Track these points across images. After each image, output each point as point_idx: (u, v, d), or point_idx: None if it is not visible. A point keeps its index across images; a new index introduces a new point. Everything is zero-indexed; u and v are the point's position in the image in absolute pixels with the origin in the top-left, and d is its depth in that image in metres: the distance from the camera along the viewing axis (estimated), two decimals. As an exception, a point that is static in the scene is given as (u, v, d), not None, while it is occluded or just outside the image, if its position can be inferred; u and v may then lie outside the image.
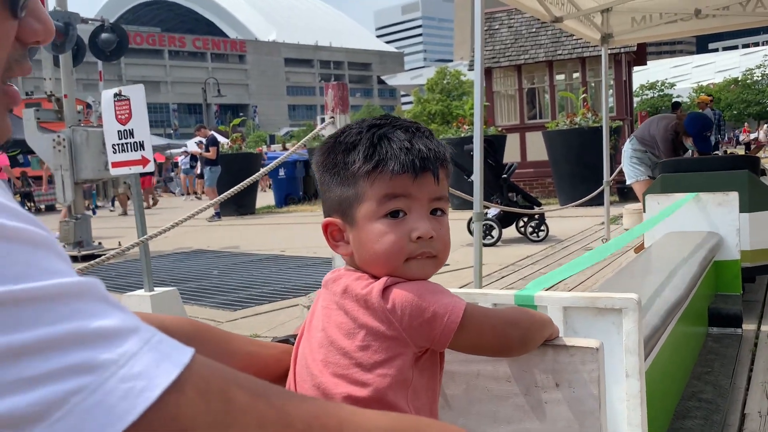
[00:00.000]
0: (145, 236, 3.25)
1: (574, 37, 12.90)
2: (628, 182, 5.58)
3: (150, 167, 3.84)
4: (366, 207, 0.87)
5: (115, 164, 3.87)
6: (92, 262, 2.80)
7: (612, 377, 1.25)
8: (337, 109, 3.36)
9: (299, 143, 3.56)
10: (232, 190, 3.16)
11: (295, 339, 1.00)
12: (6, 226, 0.37)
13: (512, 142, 13.02)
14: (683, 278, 2.41)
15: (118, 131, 3.82)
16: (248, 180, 3.24)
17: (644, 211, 3.80)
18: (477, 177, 3.59)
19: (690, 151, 5.48)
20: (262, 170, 3.63)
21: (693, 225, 3.47)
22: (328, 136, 0.96)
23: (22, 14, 0.52)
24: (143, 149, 3.79)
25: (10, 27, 0.52)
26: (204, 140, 12.48)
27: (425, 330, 0.83)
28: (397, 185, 0.86)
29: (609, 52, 6.62)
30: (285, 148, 21.16)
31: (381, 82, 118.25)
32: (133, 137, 3.80)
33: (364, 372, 0.83)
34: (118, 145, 3.84)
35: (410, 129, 0.90)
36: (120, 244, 8.34)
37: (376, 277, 0.87)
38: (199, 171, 19.87)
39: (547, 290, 1.39)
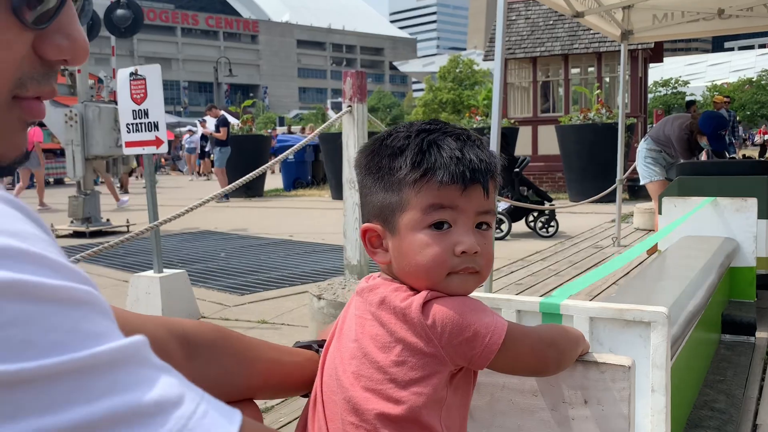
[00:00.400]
0: (157, 221, 3.23)
1: (591, 32, 12.78)
2: (642, 182, 5.53)
3: (164, 148, 3.82)
4: (409, 216, 0.83)
5: (129, 144, 3.84)
6: (106, 244, 2.79)
7: (637, 391, 1.23)
8: (354, 97, 3.32)
9: (317, 131, 3.52)
10: (248, 176, 3.13)
11: (318, 344, 0.97)
12: (45, 286, 0.33)
13: (524, 134, 12.95)
14: (701, 286, 2.37)
15: (133, 111, 3.79)
16: (261, 168, 3.21)
17: (660, 213, 3.75)
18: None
19: (705, 149, 5.43)
20: (279, 157, 3.60)
21: (709, 230, 3.43)
22: (372, 138, 0.91)
23: (41, 26, 0.47)
24: (157, 130, 3.77)
25: (17, 37, 0.46)
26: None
27: (465, 349, 0.80)
28: (445, 196, 0.82)
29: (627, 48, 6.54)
30: (290, 131, 21.05)
31: (393, 68, 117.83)
32: (147, 117, 3.77)
33: (399, 389, 0.80)
34: (132, 124, 3.81)
35: (461, 137, 0.86)
36: (128, 221, 8.34)
37: (414, 289, 0.84)
38: (199, 151, 19.85)
39: (572, 298, 1.36)
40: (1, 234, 0.33)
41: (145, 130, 3.77)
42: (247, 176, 3.13)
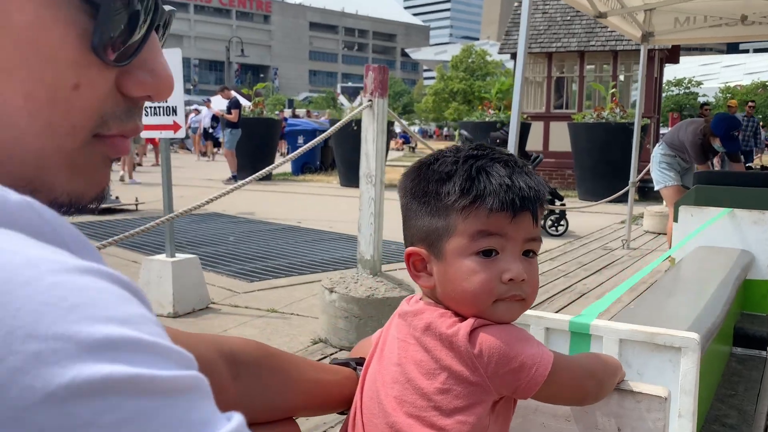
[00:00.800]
0: (172, 214, 3.23)
1: (608, 29, 12.68)
2: (656, 188, 5.50)
3: (181, 133, 3.81)
4: (456, 242, 0.83)
5: (146, 127, 3.83)
6: (130, 232, 2.79)
7: (663, 416, 1.22)
8: (376, 92, 3.31)
9: (337, 125, 3.52)
10: (277, 163, 3.13)
11: (355, 363, 0.97)
12: (160, 379, 0.31)
13: (536, 130, 12.90)
14: (720, 302, 2.36)
15: (152, 94, 3.78)
16: (289, 156, 3.20)
17: (675, 221, 3.74)
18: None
19: (719, 152, 5.40)
20: (314, 142, 3.59)
21: (724, 241, 3.42)
22: (418, 161, 0.91)
23: (123, 63, 0.45)
24: (175, 114, 3.76)
25: (99, 75, 0.44)
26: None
27: (510, 379, 0.80)
28: (493, 223, 0.82)
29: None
30: (295, 115, 20.88)
31: (404, 54, 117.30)
32: (166, 101, 3.76)
33: (443, 416, 0.80)
34: (149, 108, 3.80)
35: (509, 163, 0.85)
36: (137, 200, 8.36)
37: (459, 315, 0.84)
38: (202, 131, 19.69)
39: (601, 317, 1.36)
40: (115, 322, 0.32)
41: (163, 114, 3.76)
42: (275, 164, 3.12)
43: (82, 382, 0.29)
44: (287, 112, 25.65)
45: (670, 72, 48.88)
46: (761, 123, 11.54)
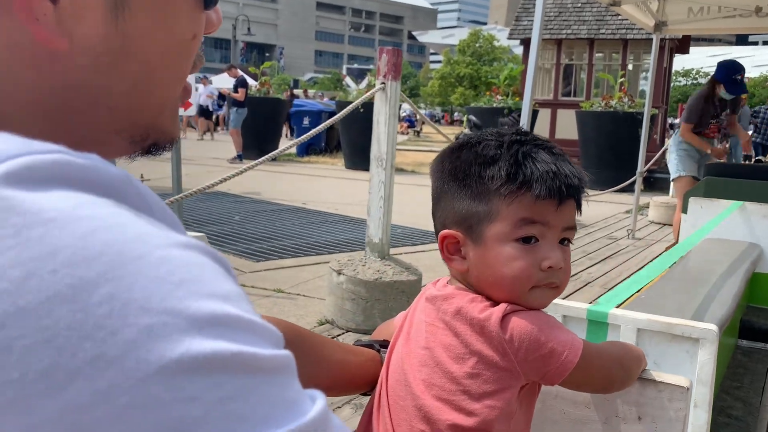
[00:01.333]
0: (180, 194, 3.23)
1: (619, 18, 12.59)
2: (672, 177, 5.40)
3: (191, 110, 3.80)
4: (498, 227, 0.82)
5: (157, 104, 3.82)
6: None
7: (679, 406, 1.23)
8: (389, 74, 3.29)
9: (348, 108, 3.50)
10: (288, 144, 3.11)
11: (380, 345, 0.97)
12: (258, 357, 0.32)
13: (543, 117, 12.85)
14: (729, 293, 2.37)
15: (163, 71, 3.76)
16: (301, 138, 3.19)
17: (684, 212, 3.73)
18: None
19: (721, 120, 5.20)
20: (325, 124, 3.58)
21: (733, 233, 3.41)
22: (456, 143, 0.89)
23: (213, 5, 0.50)
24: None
25: (200, 19, 0.48)
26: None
27: (539, 365, 0.80)
28: (538, 211, 0.81)
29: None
30: (293, 95, 20.69)
31: (411, 37, 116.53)
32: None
33: (472, 401, 0.80)
34: (161, 84, 3.79)
35: (552, 150, 0.84)
36: (142, 176, 8.34)
37: (490, 299, 0.84)
38: (196, 111, 19.47)
39: (619, 307, 1.36)
40: (215, 298, 0.32)
41: (175, 91, 3.75)
42: (287, 145, 3.11)
43: (192, 358, 0.30)
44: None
45: (678, 62, 48.55)
46: None
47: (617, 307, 1.36)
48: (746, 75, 5.34)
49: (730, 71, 5.04)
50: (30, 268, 0.29)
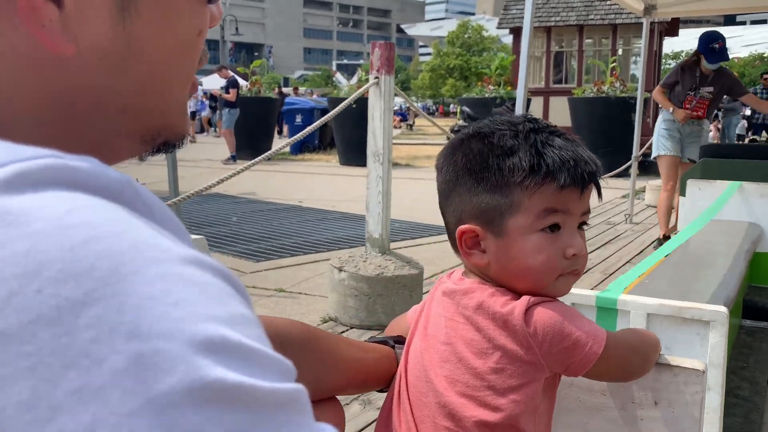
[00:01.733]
0: (177, 197, 3.22)
1: (607, 3, 12.59)
2: (653, 155, 5.37)
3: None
4: (521, 218, 0.81)
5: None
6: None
7: (692, 389, 1.23)
8: (382, 69, 3.28)
9: (343, 104, 3.49)
10: (283, 143, 3.10)
11: (394, 341, 0.96)
12: (260, 391, 0.29)
13: (535, 105, 12.86)
14: (732, 274, 2.37)
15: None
16: (297, 135, 3.18)
17: (682, 194, 3.74)
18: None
19: (704, 95, 5.17)
20: (319, 122, 3.57)
21: (732, 214, 3.42)
22: (464, 134, 0.86)
23: (215, 0, 0.49)
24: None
25: (206, 15, 0.48)
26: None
27: (563, 357, 0.80)
28: (562, 200, 0.80)
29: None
30: (281, 93, 20.67)
31: (400, 30, 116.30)
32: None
33: (497, 396, 0.79)
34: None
35: (565, 136, 0.83)
36: (137, 180, 8.32)
37: (511, 292, 0.83)
38: (191, 110, 19.47)
39: (627, 293, 1.36)
40: (216, 321, 0.29)
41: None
42: (282, 144, 3.10)
43: (184, 390, 0.27)
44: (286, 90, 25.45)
45: (667, 45, 48.62)
46: None
47: (624, 292, 1.36)
48: (736, 55, 5.34)
49: (707, 41, 5.04)
50: (13, 287, 0.27)
